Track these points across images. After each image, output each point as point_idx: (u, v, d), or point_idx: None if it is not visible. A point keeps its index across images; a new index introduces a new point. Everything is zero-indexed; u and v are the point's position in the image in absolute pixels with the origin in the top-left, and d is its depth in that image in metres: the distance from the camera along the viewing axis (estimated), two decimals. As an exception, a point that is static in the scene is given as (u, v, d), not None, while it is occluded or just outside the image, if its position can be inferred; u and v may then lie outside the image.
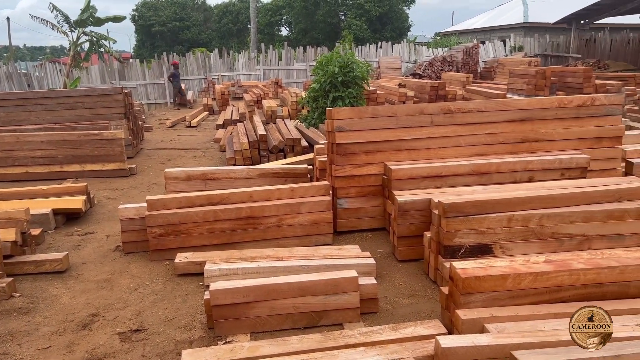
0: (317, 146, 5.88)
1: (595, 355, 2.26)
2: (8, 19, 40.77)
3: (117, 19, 18.57)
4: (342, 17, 36.53)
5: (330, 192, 4.67)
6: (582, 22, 21.86)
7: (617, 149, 4.96)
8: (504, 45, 23.59)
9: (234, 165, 7.14)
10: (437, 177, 4.48)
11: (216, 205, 4.33)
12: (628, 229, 3.55)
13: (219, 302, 3.05)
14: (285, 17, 40.24)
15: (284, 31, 41.92)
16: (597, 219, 3.54)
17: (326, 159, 5.15)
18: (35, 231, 4.74)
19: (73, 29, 17.90)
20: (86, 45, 18.62)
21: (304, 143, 7.47)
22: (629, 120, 8.03)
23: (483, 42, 23.87)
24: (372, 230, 4.82)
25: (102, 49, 18.47)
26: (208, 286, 3.32)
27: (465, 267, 2.87)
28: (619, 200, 3.66)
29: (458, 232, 3.52)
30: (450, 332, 2.87)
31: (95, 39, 18.20)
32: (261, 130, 7.64)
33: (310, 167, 5.87)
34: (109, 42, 19.99)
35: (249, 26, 27.69)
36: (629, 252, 3.07)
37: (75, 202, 5.53)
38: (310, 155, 6.41)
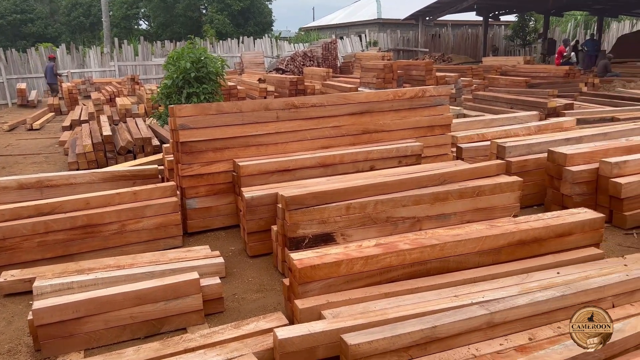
0: (165, 145, 5.66)
1: (415, 329, 2.46)
2: None
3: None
4: (204, 11, 35.63)
5: (178, 192, 4.52)
6: (427, 18, 23.72)
7: (447, 135, 5.44)
8: (361, 40, 24.77)
9: (77, 169, 6.61)
10: (285, 171, 4.55)
11: (47, 215, 3.97)
12: (452, 209, 3.91)
13: (45, 322, 2.80)
14: (142, 10, 38.20)
15: (144, 25, 39.82)
16: (425, 201, 3.84)
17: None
18: None
19: None
20: None
21: (156, 142, 7.16)
22: (463, 108, 8.86)
23: (341, 38, 24.85)
24: (225, 228, 4.77)
25: None
26: (35, 305, 3.03)
27: (301, 257, 2.95)
28: (444, 183, 4.01)
29: (301, 223, 3.60)
30: (292, 323, 2.93)
31: None
32: (106, 131, 7.16)
33: (162, 167, 5.64)
34: None
35: (103, 20, 25.78)
36: (448, 230, 3.38)
37: None
38: (161, 155, 6.15)
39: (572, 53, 17.30)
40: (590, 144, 5.06)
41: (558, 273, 3.11)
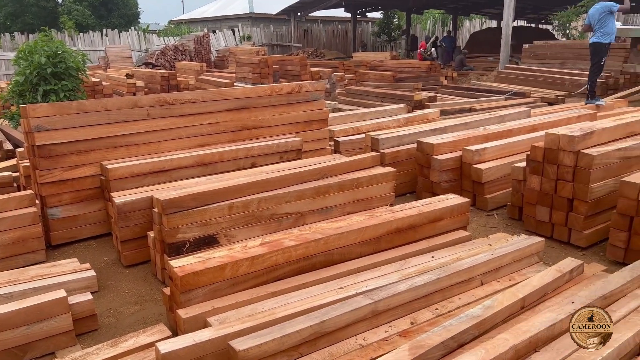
0: (19, 150, 5.07)
1: (304, 326, 2.44)
2: None
3: None
4: (60, 1, 32.66)
5: (37, 201, 4.07)
6: (298, 14, 24.05)
7: (324, 130, 5.53)
8: (234, 34, 24.41)
9: None
10: (160, 172, 4.30)
11: None
12: (333, 202, 3.97)
13: None
14: (-15, -3, 33.99)
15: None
16: (307, 196, 3.86)
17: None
18: None
19: None
20: None
21: (9, 146, 6.40)
22: (337, 103, 9.10)
23: (214, 32, 24.28)
24: (95, 237, 4.39)
25: None
26: None
27: (182, 264, 2.79)
28: (324, 177, 4.06)
29: (180, 227, 3.42)
30: (176, 334, 2.77)
31: None
32: (-55, 136, 6.25)
33: (16, 174, 5.05)
34: None
35: None
36: (331, 223, 3.42)
37: None
38: (15, 161, 5.51)
39: (432, 49, 18.65)
40: (453, 133, 5.45)
41: (433, 257, 3.30)
